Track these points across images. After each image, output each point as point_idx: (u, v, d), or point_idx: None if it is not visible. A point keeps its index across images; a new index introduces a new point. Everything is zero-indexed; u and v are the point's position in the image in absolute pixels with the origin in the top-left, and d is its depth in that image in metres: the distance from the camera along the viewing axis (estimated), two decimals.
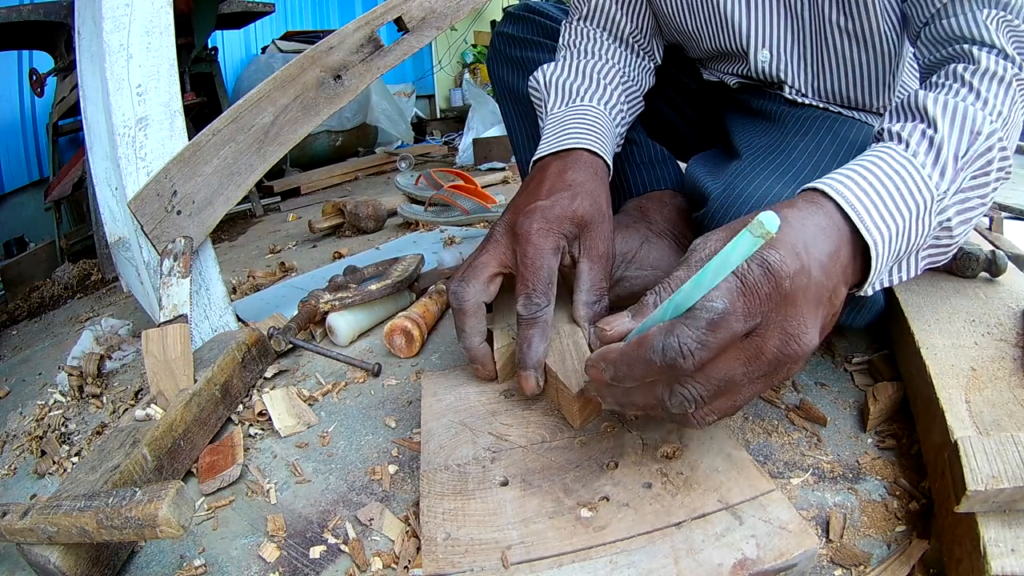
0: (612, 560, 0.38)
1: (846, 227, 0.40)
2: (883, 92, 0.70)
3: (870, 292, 0.44)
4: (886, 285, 0.48)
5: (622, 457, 0.46)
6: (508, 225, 0.56)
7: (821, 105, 0.72)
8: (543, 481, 0.45)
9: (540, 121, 0.73)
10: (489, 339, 0.58)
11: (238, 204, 1.18)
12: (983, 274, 0.66)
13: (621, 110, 0.72)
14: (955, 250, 0.49)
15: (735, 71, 0.78)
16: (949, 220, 0.46)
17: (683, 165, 0.87)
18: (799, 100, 0.73)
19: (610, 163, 0.63)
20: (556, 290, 0.54)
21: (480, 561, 0.38)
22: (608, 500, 0.42)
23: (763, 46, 0.71)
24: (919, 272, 0.49)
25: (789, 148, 0.64)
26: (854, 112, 0.72)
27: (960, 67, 0.49)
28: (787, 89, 0.73)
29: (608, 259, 0.57)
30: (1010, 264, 0.68)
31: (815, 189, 0.42)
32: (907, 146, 0.45)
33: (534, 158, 0.64)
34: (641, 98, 0.79)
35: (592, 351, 0.53)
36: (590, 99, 0.69)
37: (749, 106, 0.78)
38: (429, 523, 0.41)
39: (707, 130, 0.92)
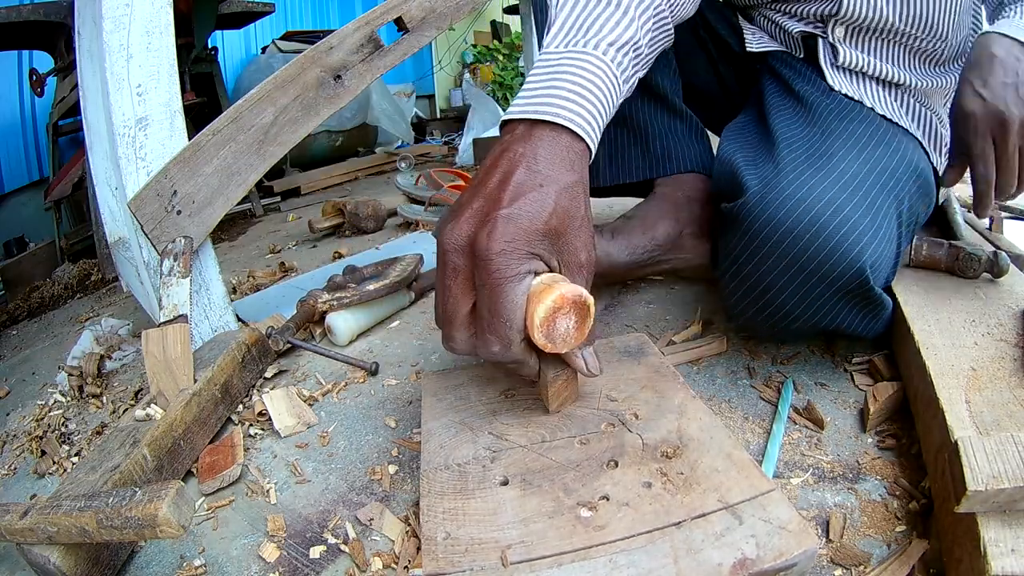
0: (611, 559, 0.37)
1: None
2: (962, 16, 0.72)
3: None
4: None
5: (622, 457, 0.46)
6: (464, 241, 0.44)
7: (856, 97, 0.71)
8: (543, 480, 0.45)
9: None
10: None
11: (238, 204, 1.18)
12: (985, 275, 0.66)
13: (640, 52, 0.58)
14: None
15: (805, 12, 0.75)
16: None
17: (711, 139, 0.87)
18: (836, 86, 0.72)
19: (594, 142, 0.51)
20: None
21: (480, 560, 0.38)
22: (608, 499, 0.42)
23: None
24: None
25: (832, 150, 0.62)
26: (925, 47, 0.72)
27: None
28: (843, 53, 0.72)
29: (589, 267, 0.48)
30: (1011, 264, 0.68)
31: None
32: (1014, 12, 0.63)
33: (504, 117, 0.52)
34: (671, 28, 0.66)
35: (588, 370, 0.50)
36: (598, 41, 0.54)
37: (789, 84, 0.76)
38: (429, 522, 0.41)
39: (741, 99, 0.90)
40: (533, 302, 0.44)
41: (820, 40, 0.74)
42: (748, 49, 0.82)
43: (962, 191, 0.90)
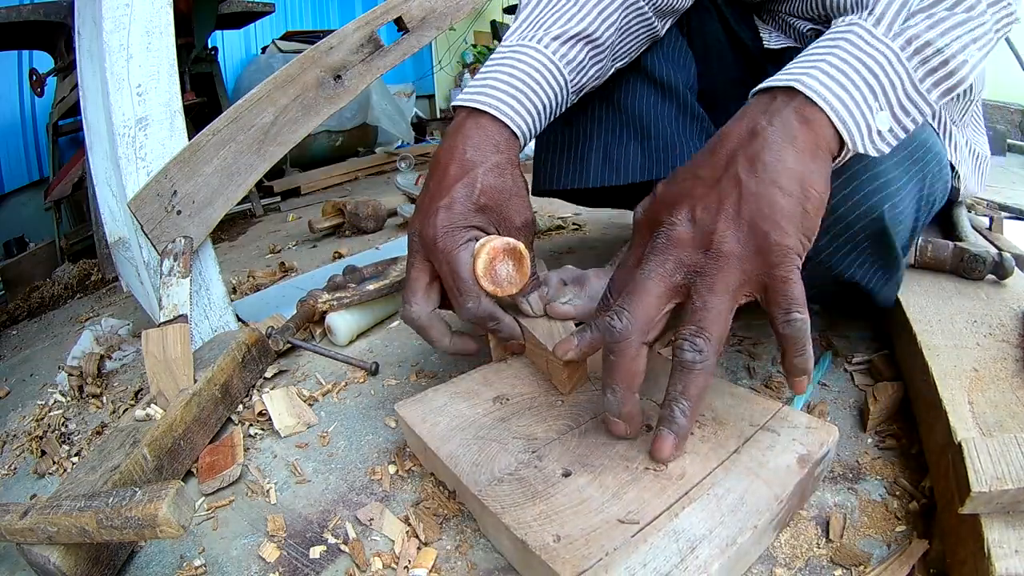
0: (711, 494, 0.42)
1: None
2: None
3: (874, 148, 0.42)
4: (902, 135, 0.43)
5: (649, 419, 0.49)
6: (418, 233, 0.55)
7: None
8: (601, 460, 0.46)
9: None
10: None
11: (238, 204, 1.18)
12: (990, 276, 0.66)
13: (599, 43, 0.62)
14: (967, 72, 0.44)
15: (802, 10, 0.73)
16: (919, 37, 0.42)
17: None
18: None
19: (519, 128, 0.57)
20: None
21: (607, 543, 0.39)
22: None
23: None
24: (936, 104, 0.44)
25: None
26: None
27: None
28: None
29: (525, 228, 0.57)
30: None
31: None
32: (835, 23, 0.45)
33: (452, 103, 0.61)
34: (651, 18, 0.68)
35: (532, 311, 0.59)
36: (542, 35, 0.59)
37: None
38: (528, 534, 0.40)
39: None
40: (474, 259, 0.54)
41: None
42: (766, 47, 0.79)
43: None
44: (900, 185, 0.54)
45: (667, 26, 0.73)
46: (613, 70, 0.68)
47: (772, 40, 0.79)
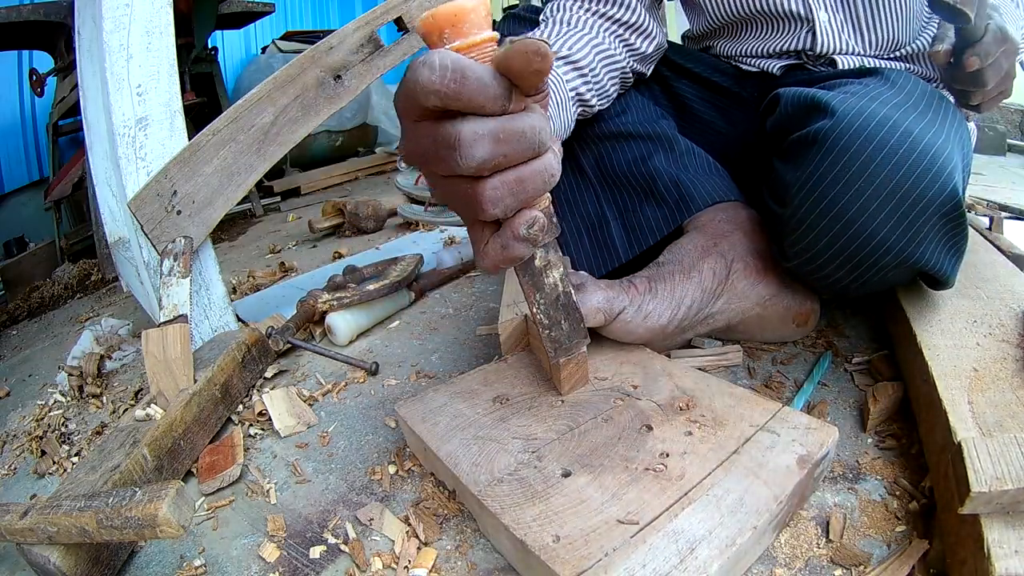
0: (710, 494, 0.42)
1: None
2: (915, 25, 0.73)
3: None
4: None
5: (650, 420, 0.50)
6: (402, 94, 0.36)
7: (871, 63, 0.73)
8: (600, 460, 0.46)
9: None
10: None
11: (238, 204, 1.18)
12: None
13: (586, 75, 0.67)
14: None
15: (780, 49, 0.76)
16: None
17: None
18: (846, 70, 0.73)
19: None
20: None
21: (607, 543, 0.39)
22: (668, 455, 0.46)
23: (822, 8, 0.71)
24: None
25: (901, 83, 0.61)
26: (890, 62, 0.74)
27: None
28: (840, 61, 0.74)
29: None
30: (1011, 265, 0.68)
31: None
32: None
33: None
34: (624, 70, 0.74)
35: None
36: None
37: (811, 78, 0.75)
38: (528, 534, 0.40)
39: (743, 130, 0.84)
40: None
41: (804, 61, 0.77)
42: (745, 70, 0.81)
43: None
44: (951, 153, 0.54)
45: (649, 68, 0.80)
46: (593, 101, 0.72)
47: (749, 67, 0.81)
